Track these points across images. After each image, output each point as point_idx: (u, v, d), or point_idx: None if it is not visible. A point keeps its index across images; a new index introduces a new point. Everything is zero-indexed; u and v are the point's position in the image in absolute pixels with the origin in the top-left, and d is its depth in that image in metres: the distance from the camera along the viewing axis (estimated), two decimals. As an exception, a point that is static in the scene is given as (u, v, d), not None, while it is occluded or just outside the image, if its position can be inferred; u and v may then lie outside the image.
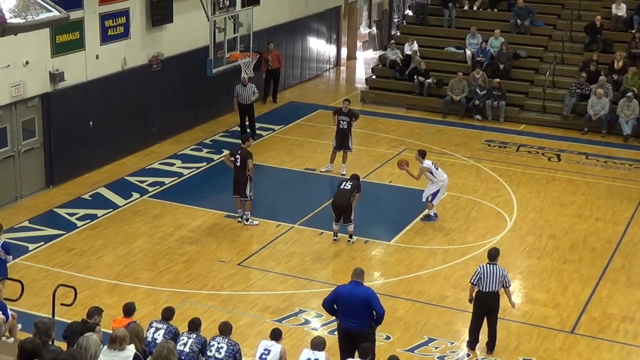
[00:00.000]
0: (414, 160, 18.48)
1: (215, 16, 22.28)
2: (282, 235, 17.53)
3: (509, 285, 13.34)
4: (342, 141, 20.51)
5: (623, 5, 27.20)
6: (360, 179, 17.62)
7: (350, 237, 17.14)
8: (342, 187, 17.03)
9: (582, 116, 24.68)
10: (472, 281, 13.20)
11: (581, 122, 24.70)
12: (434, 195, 18.16)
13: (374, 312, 11.94)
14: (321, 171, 20.90)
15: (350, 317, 11.97)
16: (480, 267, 13.15)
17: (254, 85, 23.12)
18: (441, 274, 16.09)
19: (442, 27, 29.13)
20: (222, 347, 10.98)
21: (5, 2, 10.79)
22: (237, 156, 17.68)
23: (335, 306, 12.15)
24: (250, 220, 17.84)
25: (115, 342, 9.40)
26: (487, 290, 13.07)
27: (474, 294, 13.28)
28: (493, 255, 13.25)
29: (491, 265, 13.10)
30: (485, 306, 13.24)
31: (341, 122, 20.45)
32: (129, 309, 11.67)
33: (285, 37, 27.69)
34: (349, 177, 17.55)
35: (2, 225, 14.01)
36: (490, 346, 13.45)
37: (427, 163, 18.10)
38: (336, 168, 20.74)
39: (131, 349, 9.57)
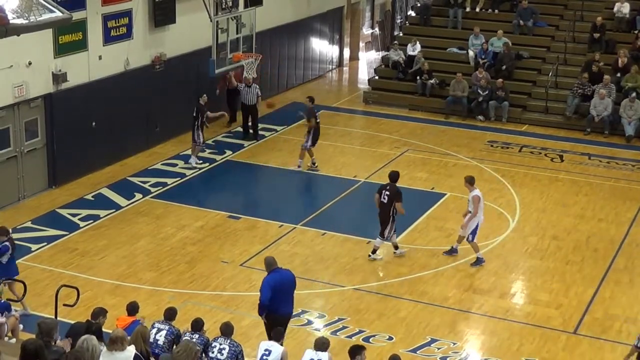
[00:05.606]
0: (463, 187, 16.83)
1: (218, 17, 22.32)
2: (285, 235, 17.52)
3: None
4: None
5: (627, 4, 27.18)
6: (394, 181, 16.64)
7: (374, 252, 16.59)
8: (382, 199, 16.33)
9: (584, 117, 24.66)
10: (638, 345, 11.90)
11: (584, 123, 24.68)
12: (474, 232, 16.27)
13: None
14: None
15: (287, 302, 12.50)
16: None
17: (257, 86, 23.14)
18: (444, 274, 16.07)
19: (445, 28, 29.13)
20: (224, 348, 10.93)
21: (8, 2, 10.79)
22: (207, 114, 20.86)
23: None
24: (195, 160, 21.01)
25: (115, 342, 9.37)
26: None
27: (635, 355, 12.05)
28: None
29: None
30: None
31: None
32: (132, 308, 11.78)
33: (287, 37, 27.69)
34: (388, 183, 16.55)
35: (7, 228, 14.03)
36: None
37: (478, 192, 16.20)
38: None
39: (131, 350, 9.54)
